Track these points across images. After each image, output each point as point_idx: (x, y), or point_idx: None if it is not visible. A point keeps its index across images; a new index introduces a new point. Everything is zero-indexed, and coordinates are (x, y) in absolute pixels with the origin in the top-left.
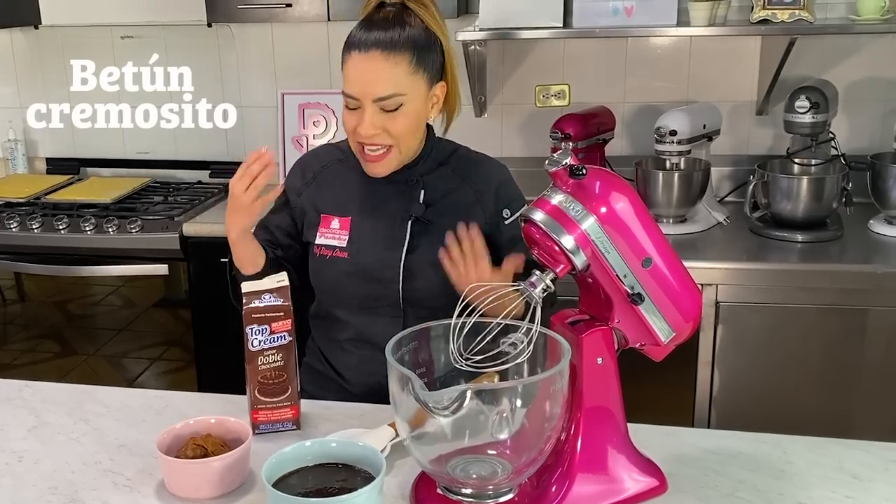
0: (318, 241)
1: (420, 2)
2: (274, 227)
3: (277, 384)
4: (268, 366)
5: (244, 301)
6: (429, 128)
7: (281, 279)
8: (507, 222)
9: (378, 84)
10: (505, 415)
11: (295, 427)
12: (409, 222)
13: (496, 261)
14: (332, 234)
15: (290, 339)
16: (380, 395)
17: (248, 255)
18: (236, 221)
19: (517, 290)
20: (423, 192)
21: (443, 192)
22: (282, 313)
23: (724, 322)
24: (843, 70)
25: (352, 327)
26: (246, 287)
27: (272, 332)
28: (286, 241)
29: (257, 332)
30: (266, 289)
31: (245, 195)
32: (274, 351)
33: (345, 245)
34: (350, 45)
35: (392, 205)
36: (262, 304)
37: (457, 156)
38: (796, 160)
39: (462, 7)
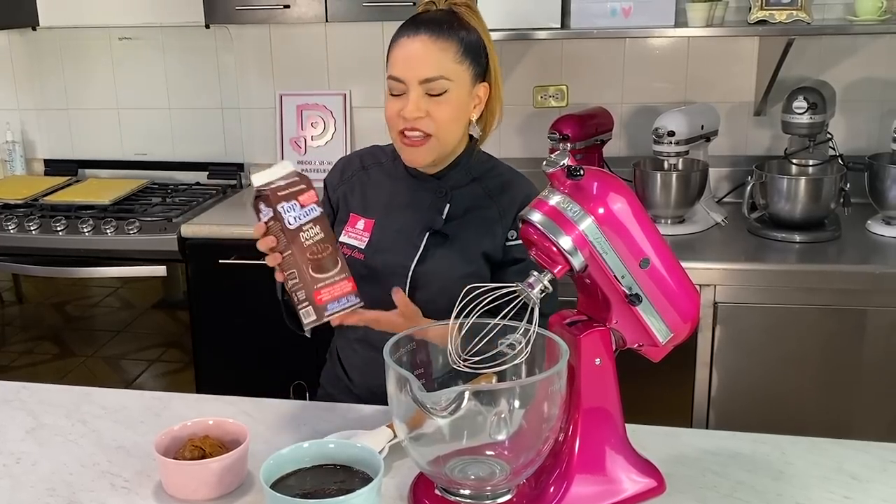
0: (342, 238)
1: (468, 6)
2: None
3: (326, 257)
4: (311, 240)
5: (262, 188)
6: (470, 138)
7: (285, 166)
8: (507, 244)
9: (426, 66)
10: (503, 416)
11: (359, 301)
12: (427, 234)
13: (498, 282)
14: (355, 235)
15: (321, 210)
16: (380, 398)
17: None
18: None
19: (515, 292)
20: (448, 205)
21: (469, 208)
22: (303, 186)
23: (723, 323)
24: (840, 71)
25: (361, 328)
26: (257, 179)
27: (302, 206)
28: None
29: (289, 209)
30: (277, 177)
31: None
32: (311, 224)
33: (363, 247)
34: (398, 34)
35: (416, 214)
36: (282, 184)
37: (491, 175)
38: (794, 161)
39: None
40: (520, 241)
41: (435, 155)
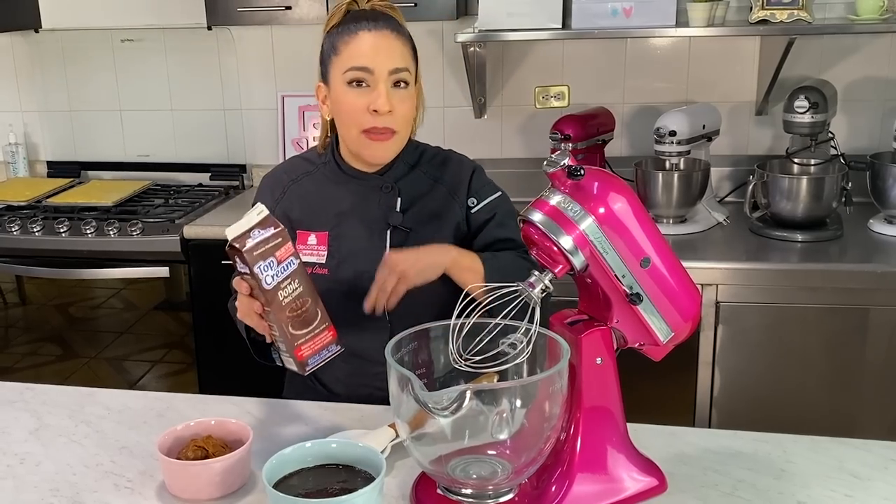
0: None
1: (391, 7)
2: None
3: (306, 311)
4: (289, 297)
5: (237, 245)
6: None
7: (260, 211)
8: (473, 211)
9: (395, 56)
10: (504, 415)
11: (340, 348)
12: (388, 232)
13: (479, 245)
14: (310, 251)
15: (298, 261)
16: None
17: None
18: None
19: (515, 290)
20: (399, 199)
21: (417, 196)
22: (280, 239)
23: (725, 322)
24: (841, 70)
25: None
26: (231, 233)
27: (279, 262)
28: None
29: (266, 269)
30: (251, 227)
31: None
32: (289, 279)
33: (324, 261)
34: (352, 29)
35: (369, 215)
36: (257, 240)
37: (426, 157)
38: (796, 160)
39: (461, 9)
40: (484, 203)
41: (396, 151)
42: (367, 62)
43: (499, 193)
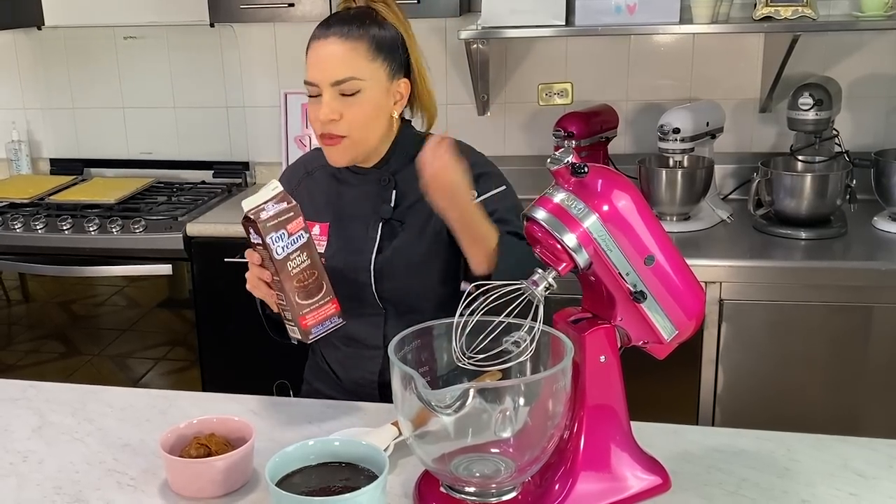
0: None
1: (385, 2)
2: None
3: (312, 283)
4: (298, 268)
5: (252, 216)
6: (403, 122)
7: (275, 186)
8: (475, 201)
9: (336, 68)
10: (508, 413)
11: (341, 321)
12: (379, 225)
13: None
14: (314, 241)
15: (308, 235)
16: (365, 389)
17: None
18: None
19: (519, 289)
20: (394, 192)
21: (414, 187)
22: (292, 213)
23: (728, 320)
24: (846, 67)
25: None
26: (247, 205)
27: (290, 235)
28: None
29: (277, 240)
30: (266, 200)
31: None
32: (298, 252)
33: (323, 251)
34: (312, 38)
35: (365, 207)
36: (271, 213)
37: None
38: (800, 157)
39: (464, 5)
40: (484, 197)
41: (352, 154)
42: (312, 76)
43: (503, 187)
